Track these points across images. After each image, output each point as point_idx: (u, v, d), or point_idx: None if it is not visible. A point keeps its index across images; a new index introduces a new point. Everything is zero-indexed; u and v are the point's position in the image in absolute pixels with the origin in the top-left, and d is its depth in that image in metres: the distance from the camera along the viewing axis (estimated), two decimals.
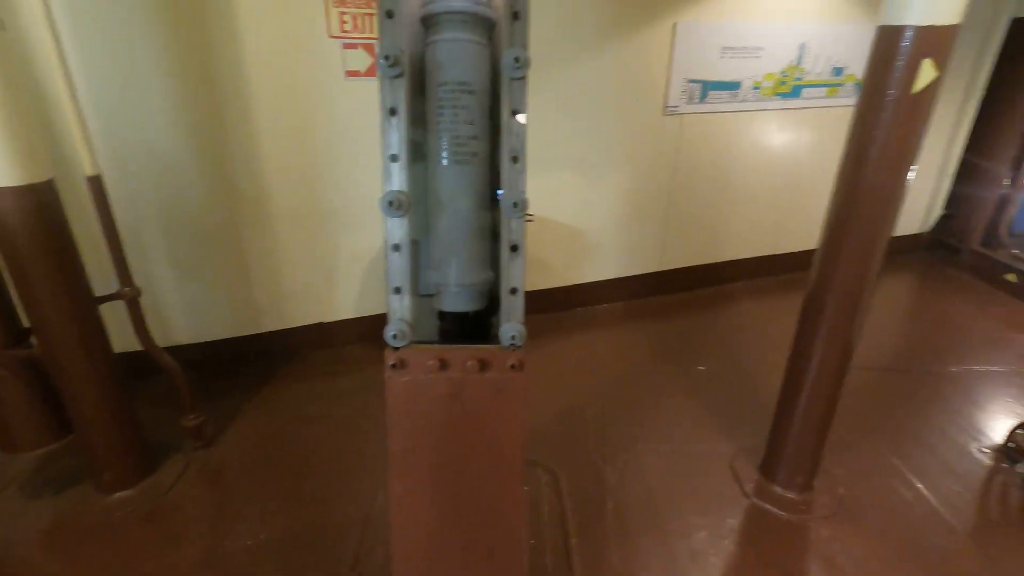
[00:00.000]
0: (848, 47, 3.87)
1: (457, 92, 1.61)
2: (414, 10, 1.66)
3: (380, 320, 3.49)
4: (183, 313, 3.10)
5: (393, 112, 1.53)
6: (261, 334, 3.30)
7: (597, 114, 3.48)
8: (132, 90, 2.60)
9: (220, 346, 3.23)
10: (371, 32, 2.86)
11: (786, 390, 2.30)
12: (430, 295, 1.76)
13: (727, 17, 3.48)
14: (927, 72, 1.65)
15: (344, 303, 3.40)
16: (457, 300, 1.71)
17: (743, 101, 3.75)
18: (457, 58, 1.61)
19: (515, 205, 1.56)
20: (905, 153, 1.80)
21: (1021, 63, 4.24)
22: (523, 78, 1.52)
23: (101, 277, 2.28)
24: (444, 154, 1.64)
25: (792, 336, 2.24)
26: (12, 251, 1.91)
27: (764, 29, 3.59)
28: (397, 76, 1.50)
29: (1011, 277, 4.34)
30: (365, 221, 3.22)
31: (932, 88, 1.71)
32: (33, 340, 2.15)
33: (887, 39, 1.70)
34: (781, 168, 4.12)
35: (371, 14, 2.82)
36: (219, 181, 2.90)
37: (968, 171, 4.71)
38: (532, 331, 1.59)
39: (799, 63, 3.78)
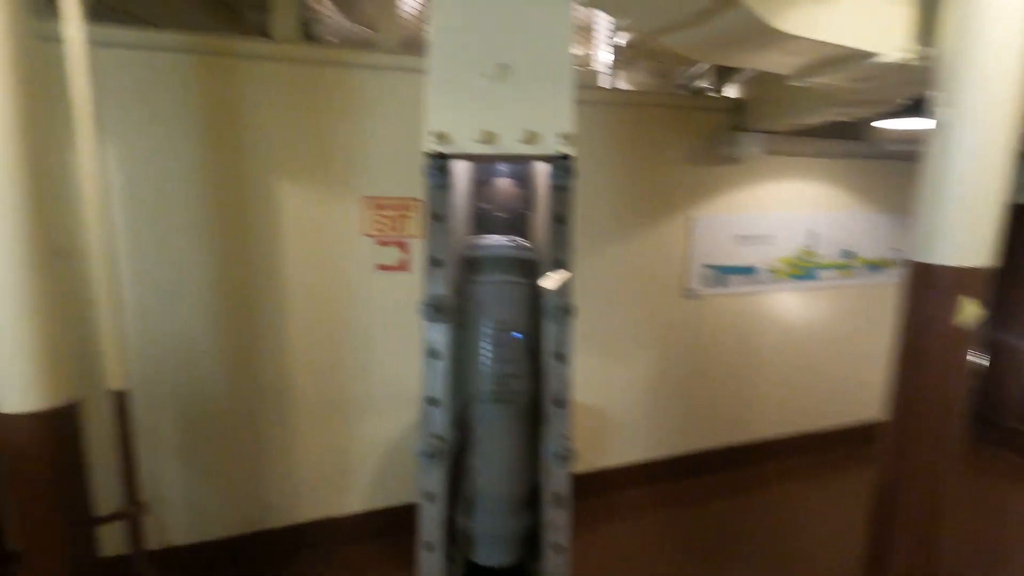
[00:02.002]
0: (852, 232, 4.06)
1: (499, 332, 1.60)
2: (456, 248, 1.71)
3: (393, 514, 3.23)
4: (184, 511, 2.88)
5: (434, 355, 1.50)
6: (263, 532, 3.04)
7: (618, 298, 3.54)
8: (171, 286, 2.68)
9: (218, 547, 2.95)
10: (402, 232, 3.01)
11: None
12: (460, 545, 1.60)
13: (738, 210, 3.69)
14: (969, 308, 1.65)
15: (356, 495, 3.18)
16: (490, 552, 1.55)
17: (760, 283, 3.83)
18: (500, 299, 1.62)
19: (559, 455, 1.46)
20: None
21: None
22: (568, 323, 1.52)
23: (101, 484, 2.13)
24: (485, 392, 1.59)
25: (846, 532, 1.99)
26: (17, 477, 1.80)
27: (774, 218, 3.79)
28: (442, 321, 1.49)
29: None
30: (384, 408, 3.13)
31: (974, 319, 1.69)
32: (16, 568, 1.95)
33: (922, 275, 1.72)
34: (805, 346, 4.10)
35: (404, 216, 3.00)
36: (242, 372, 2.87)
37: (997, 347, 4.66)
38: None
39: (810, 247, 3.93)
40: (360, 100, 2.84)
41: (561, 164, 1.50)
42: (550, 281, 1.61)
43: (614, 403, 3.65)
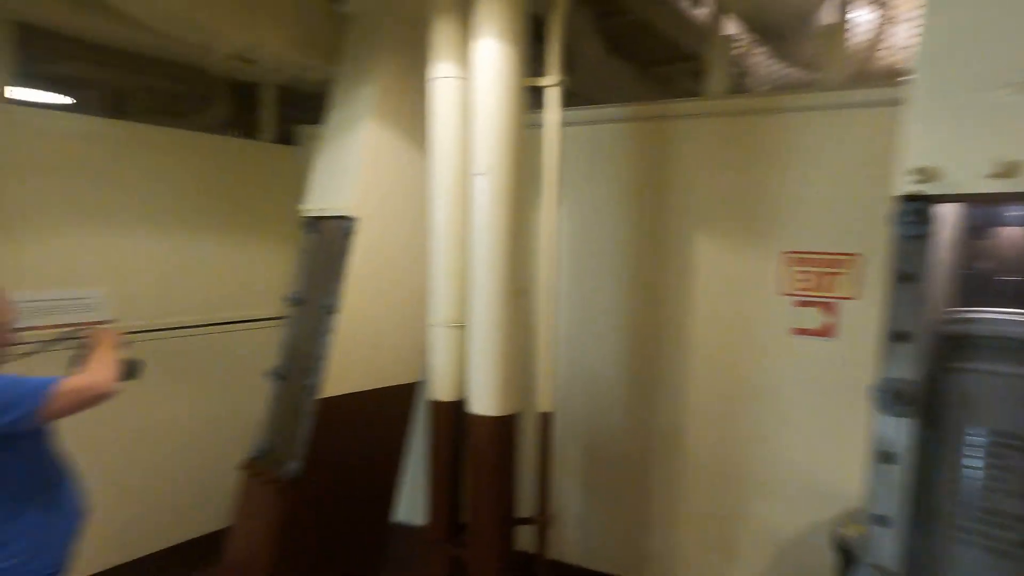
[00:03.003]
0: None
1: (1001, 448, 1.11)
2: (930, 321, 1.30)
3: None
4: (576, 531, 3.14)
5: (888, 457, 1.15)
6: None
7: None
8: (590, 324, 3.01)
9: None
10: (829, 291, 2.57)
11: None
12: None
13: None
14: None
15: None
16: None
17: None
18: (1006, 399, 1.14)
19: None
20: None
21: None
22: None
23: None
24: (965, 528, 1.13)
25: None
26: (477, 463, 2.28)
27: None
28: (903, 415, 1.13)
29: None
30: (786, 493, 2.69)
31: None
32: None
33: None
34: None
35: (833, 274, 2.56)
36: (639, 414, 2.97)
37: None
38: None
39: None
40: (790, 146, 2.61)
41: None
42: None
43: None
